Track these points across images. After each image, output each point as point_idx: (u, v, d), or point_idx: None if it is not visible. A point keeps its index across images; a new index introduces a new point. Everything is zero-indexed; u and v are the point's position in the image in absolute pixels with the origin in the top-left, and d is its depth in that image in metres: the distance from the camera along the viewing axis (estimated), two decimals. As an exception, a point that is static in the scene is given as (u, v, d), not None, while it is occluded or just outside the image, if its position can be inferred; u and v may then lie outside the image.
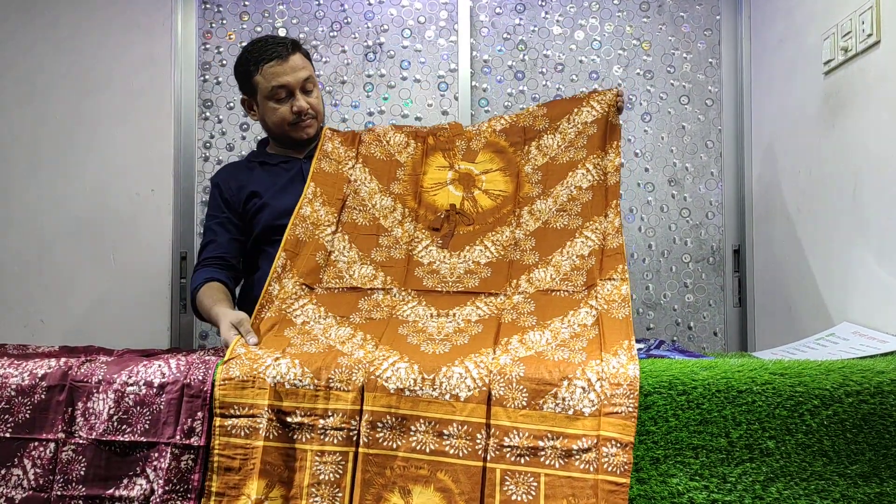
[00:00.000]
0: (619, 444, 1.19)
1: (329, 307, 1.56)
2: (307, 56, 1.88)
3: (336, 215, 1.74)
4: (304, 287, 1.61)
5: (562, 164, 1.75)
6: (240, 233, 1.84)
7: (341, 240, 1.70)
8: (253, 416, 1.27)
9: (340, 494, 1.23)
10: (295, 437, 1.27)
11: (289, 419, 1.27)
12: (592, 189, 1.69)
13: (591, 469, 1.20)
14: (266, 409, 1.27)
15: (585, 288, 1.54)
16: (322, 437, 1.26)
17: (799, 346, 1.61)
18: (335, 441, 1.25)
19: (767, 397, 1.22)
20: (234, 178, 1.87)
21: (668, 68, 2.34)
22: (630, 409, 1.20)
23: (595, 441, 1.20)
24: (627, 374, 1.24)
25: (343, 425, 1.26)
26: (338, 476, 1.24)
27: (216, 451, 1.26)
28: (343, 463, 1.25)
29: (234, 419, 1.27)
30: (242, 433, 1.27)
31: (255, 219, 1.81)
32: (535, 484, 1.21)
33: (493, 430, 1.24)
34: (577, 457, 1.21)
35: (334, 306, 1.57)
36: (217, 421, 1.27)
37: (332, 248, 1.69)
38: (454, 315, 1.53)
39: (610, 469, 1.18)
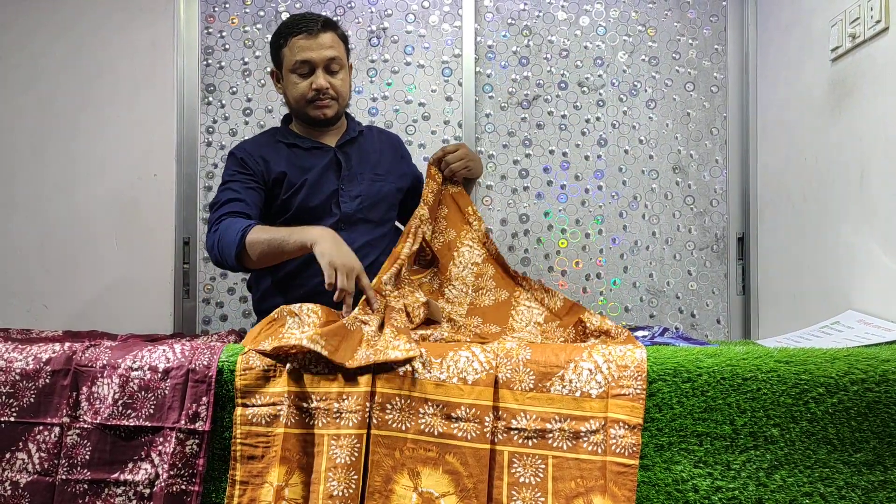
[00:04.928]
0: (627, 426, 1.19)
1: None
2: (343, 39, 1.84)
3: None
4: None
5: (440, 247, 1.83)
6: (262, 202, 1.77)
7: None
8: (274, 403, 1.27)
9: (356, 476, 1.23)
10: (312, 422, 1.27)
11: (305, 405, 1.27)
12: (488, 261, 1.82)
13: (599, 451, 1.20)
14: (286, 395, 1.27)
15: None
16: (338, 420, 1.26)
17: (803, 334, 1.61)
18: (350, 424, 1.25)
19: (772, 385, 1.22)
20: (258, 152, 1.81)
21: (674, 54, 2.33)
22: (638, 391, 1.21)
23: (603, 423, 1.21)
24: (635, 356, 1.24)
25: (358, 408, 1.26)
26: (353, 458, 1.23)
27: (238, 441, 1.26)
28: (358, 445, 1.24)
29: (254, 408, 1.28)
30: (264, 421, 1.27)
31: (288, 199, 1.77)
32: (543, 466, 1.22)
33: (500, 413, 1.25)
34: (585, 438, 1.21)
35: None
36: (238, 410, 1.28)
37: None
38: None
39: (618, 451, 1.19)
